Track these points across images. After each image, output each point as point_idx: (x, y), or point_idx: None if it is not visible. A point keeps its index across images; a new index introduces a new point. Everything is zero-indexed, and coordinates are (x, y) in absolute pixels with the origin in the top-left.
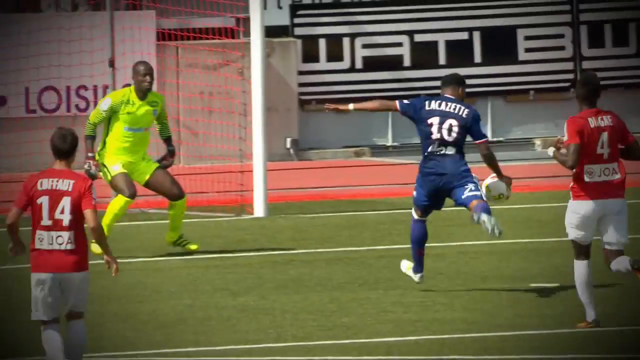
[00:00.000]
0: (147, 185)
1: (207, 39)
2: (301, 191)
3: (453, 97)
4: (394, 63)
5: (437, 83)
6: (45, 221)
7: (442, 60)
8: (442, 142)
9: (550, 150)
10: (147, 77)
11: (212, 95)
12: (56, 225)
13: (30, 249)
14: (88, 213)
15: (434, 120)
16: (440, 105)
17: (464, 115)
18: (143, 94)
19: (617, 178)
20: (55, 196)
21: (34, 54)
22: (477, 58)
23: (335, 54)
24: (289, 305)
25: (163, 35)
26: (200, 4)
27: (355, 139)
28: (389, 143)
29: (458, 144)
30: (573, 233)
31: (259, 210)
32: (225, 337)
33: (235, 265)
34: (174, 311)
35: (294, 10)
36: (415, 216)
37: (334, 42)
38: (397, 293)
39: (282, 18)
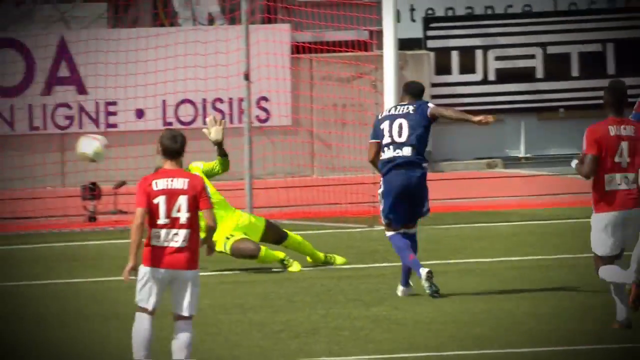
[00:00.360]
0: (261, 240)
1: (341, 51)
2: (434, 202)
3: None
4: (526, 75)
5: (570, 95)
6: (163, 219)
7: (574, 72)
8: (395, 144)
9: (574, 163)
10: None
11: (345, 108)
12: (173, 223)
13: (145, 244)
14: (206, 213)
15: (385, 125)
16: (389, 111)
17: (410, 112)
18: None
19: (634, 188)
20: (172, 195)
21: (171, 67)
22: (611, 70)
23: (467, 66)
24: (421, 315)
25: (297, 48)
26: (334, 17)
27: (487, 151)
28: (522, 154)
29: (411, 143)
30: (599, 248)
31: None
32: (358, 347)
33: (367, 275)
34: (307, 321)
35: (427, 22)
36: (388, 232)
37: (467, 54)
38: (529, 304)
39: (415, 31)
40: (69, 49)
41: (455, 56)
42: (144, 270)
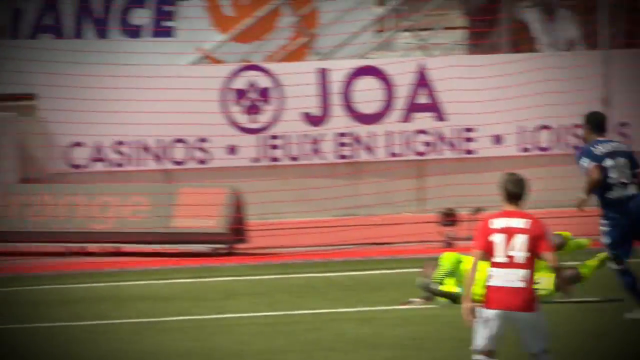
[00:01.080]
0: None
1: None
2: None
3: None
4: None
5: None
6: (500, 258)
7: None
8: (623, 185)
9: None
10: None
11: None
12: (510, 263)
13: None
14: (549, 255)
15: (608, 162)
16: (604, 147)
17: (625, 149)
18: None
19: None
20: (511, 234)
21: (530, 93)
22: None
23: None
24: None
25: None
26: None
27: None
28: None
29: (633, 181)
30: None
31: None
32: None
33: None
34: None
35: None
36: (614, 266)
37: None
38: None
39: None
40: (428, 75)
41: None
42: (481, 312)
